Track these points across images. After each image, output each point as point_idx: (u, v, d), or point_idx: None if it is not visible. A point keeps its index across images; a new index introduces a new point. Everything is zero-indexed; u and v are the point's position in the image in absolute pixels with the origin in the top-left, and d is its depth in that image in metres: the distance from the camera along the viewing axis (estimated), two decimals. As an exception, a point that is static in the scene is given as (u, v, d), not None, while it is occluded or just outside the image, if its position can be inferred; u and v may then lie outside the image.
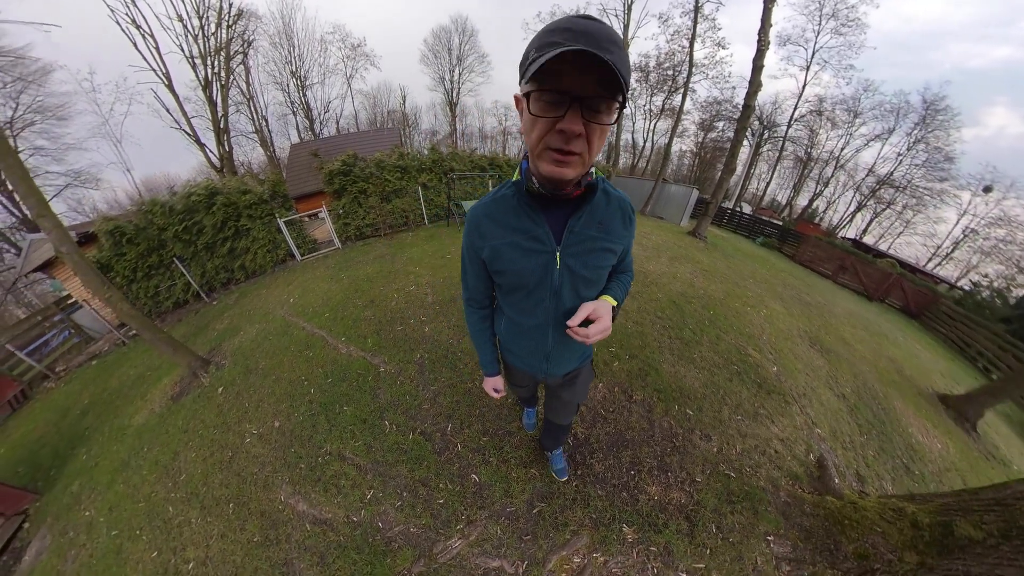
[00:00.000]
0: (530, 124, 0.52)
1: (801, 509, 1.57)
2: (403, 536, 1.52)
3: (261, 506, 1.79)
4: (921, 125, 15.50)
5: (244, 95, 14.31)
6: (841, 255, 8.95)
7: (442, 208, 6.63)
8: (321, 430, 2.12)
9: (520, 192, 0.67)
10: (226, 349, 3.42)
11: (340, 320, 3.31)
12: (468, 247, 0.78)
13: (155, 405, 2.95)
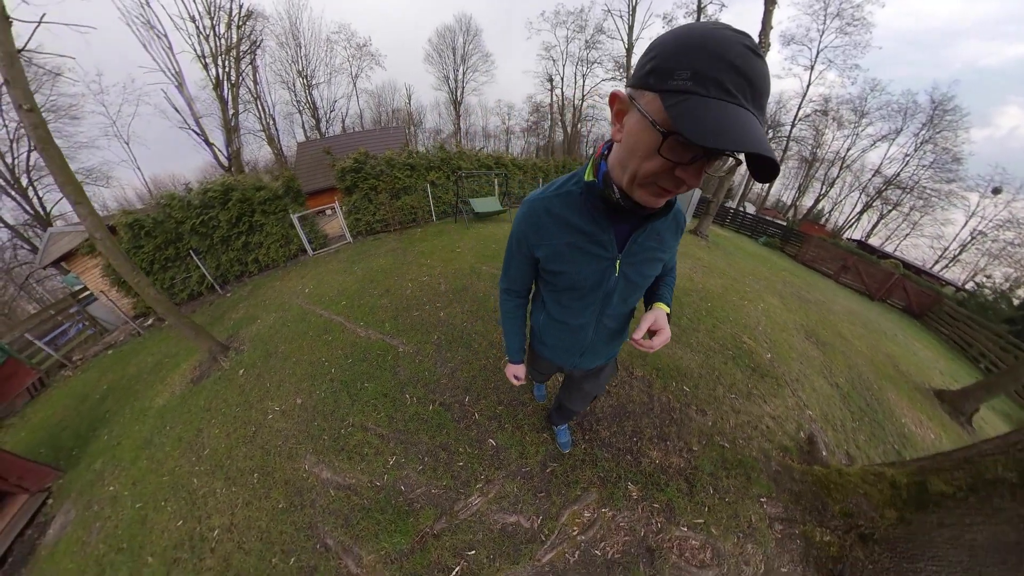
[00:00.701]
0: (645, 153, 0.46)
1: (791, 476, 1.70)
2: (425, 497, 1.64)
3: (285, 475, 1.88)
4: (929, 125, 15.29)
5: (252, 94, 14.61)
6: (844, 255, 9.03)
7: (449, 205, 6.78)
8: (343, 405, 2.24)
9: (592, 195, 0.63)
10: (244, 336, 3.55)
11: (357, 307, 3.45)
12: (519, 239, 0.75)
13: (175, 388, 3.08)
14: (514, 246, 0.78)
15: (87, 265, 5.11)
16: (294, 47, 16.97)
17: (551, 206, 0.68)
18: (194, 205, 4.80)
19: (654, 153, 0.44)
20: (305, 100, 18.25)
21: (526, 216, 0.71)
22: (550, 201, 0.68)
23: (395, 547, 1.48)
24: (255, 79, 14.47)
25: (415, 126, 26.29)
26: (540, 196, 0.70)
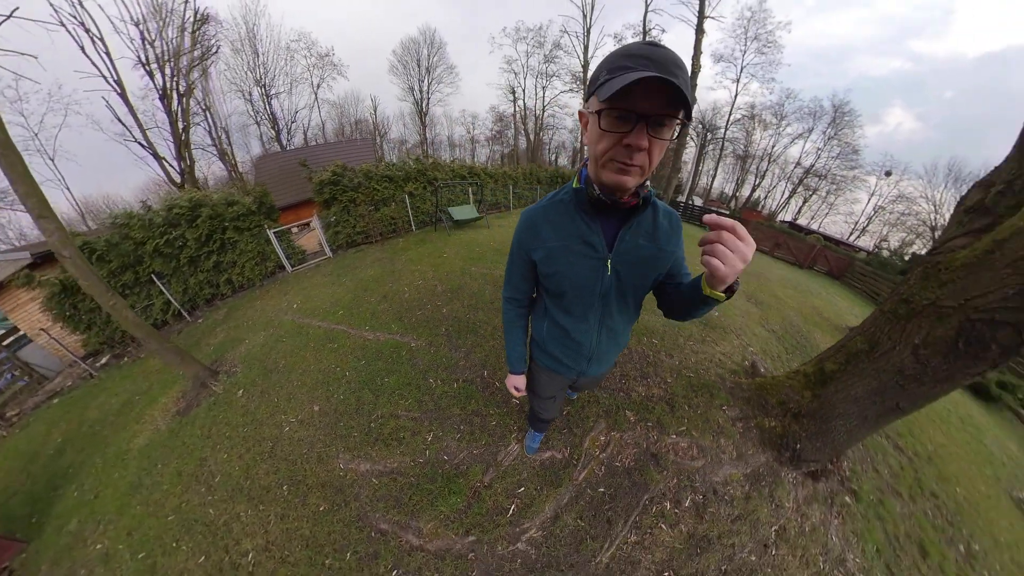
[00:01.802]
0: (598, 137, 0.56)
1: (741, 388, 2.30)
2: (468, 458, 1.87)
3: (320, 479, 1.89)
4: (832, 125, 19.34)
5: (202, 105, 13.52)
6: (776, 234, 10.66)
7: (428, 215, 6.94)
8: (367, 401, 2.34)
9: (579, 198, 0.70)
10: (232, 358, 3.41)
11: (357, 314, 3.52)
12: (519, 246, 0.81)
13: (158, 424, 2.86)
14: (515, 253, 0.84)
15: (19, 300, 4.45)
16: (251, 54, 16.01)
17: (545, 214, 0.76)
18: (157, 224, 4.38)
19: (601, 133, 0.54)
20: (264, 110, 17.25)
21: (524, 224, 0.79)
22: (545, 210, 0.76)
23: (452, 507, 1.68)
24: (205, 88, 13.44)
25: (381, 137, 25.84)
26: (537, 207, 0.78)
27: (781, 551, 1.66)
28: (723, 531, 1.67)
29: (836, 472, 2.02)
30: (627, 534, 1.62)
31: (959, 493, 2.46)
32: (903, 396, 1.58)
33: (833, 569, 1.67)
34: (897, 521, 1.99)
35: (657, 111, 0.50)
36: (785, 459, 1.93)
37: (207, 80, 13.35)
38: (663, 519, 1.68)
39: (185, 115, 11.37)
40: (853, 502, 1.96)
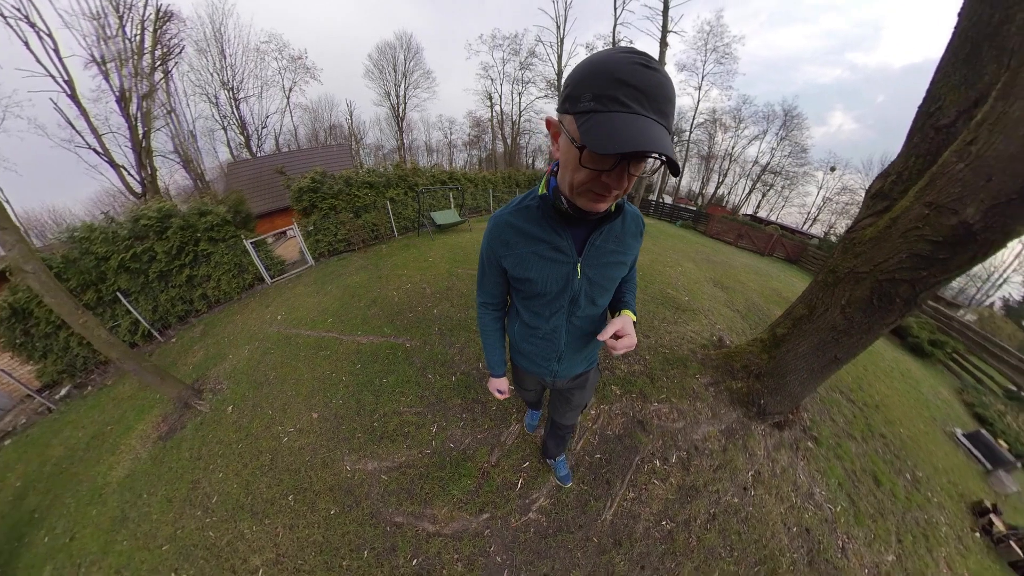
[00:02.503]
0: (574, 167, 0.52)
1: (711, 358, 2.60)
2: (474, 443, 1.98)
3: (327, 483, 1.89)
4: (784, 127, 21.72)
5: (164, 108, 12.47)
6: (738, 227, 11.56)
7: (410, 220, 6.95)
8: (368, 402, 2.37)
9: (546, 206, 0.69)
10: (216, 375, 3.29)
11: (347, 321, 3.52)
12: (489, 253, 0.81)
13: (139, 452, 2.67)
14: (485, 260, 0.84)
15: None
16: (217, 55, 14.98)
17: (513, 220, 0.74)
18: (122, 237, 4.07)
19: (579, 165, 0.50)
20: (232, 115, 16.16)
21: (492, 231, 0.78)
22: (512, 216, 0.74)
23: (463, 490, 1.77)
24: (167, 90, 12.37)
25: (357, 142, 25.22)
26: (503, 213, 0.76)
27: (759, 491, 1.92)
28: (707, 480, 1.90)
29: (798, 422, 2.33)
30: (625, 492, 1.80)
31: (903, 433, 2.91)
32: (838, 348, 1.89)
33: (804, 502, 1.94)
34: (853, 459, 2.34)
35: (639, 152, 0.45)
36: (753, 414, 2.22)
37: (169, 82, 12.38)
38: (655, 475, 1.88)
39: (146, 119, 10.36)
40: (815, 446, 2.29)
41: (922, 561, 1.90)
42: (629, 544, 1.61)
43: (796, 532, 1.79)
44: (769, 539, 1.72)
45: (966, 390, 4.94)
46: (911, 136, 1.86)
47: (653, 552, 1.60)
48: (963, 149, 1.30)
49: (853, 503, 2.04)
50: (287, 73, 18.62)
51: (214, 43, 14.89)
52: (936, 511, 2.27)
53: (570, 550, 1.58)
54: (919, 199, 1.46)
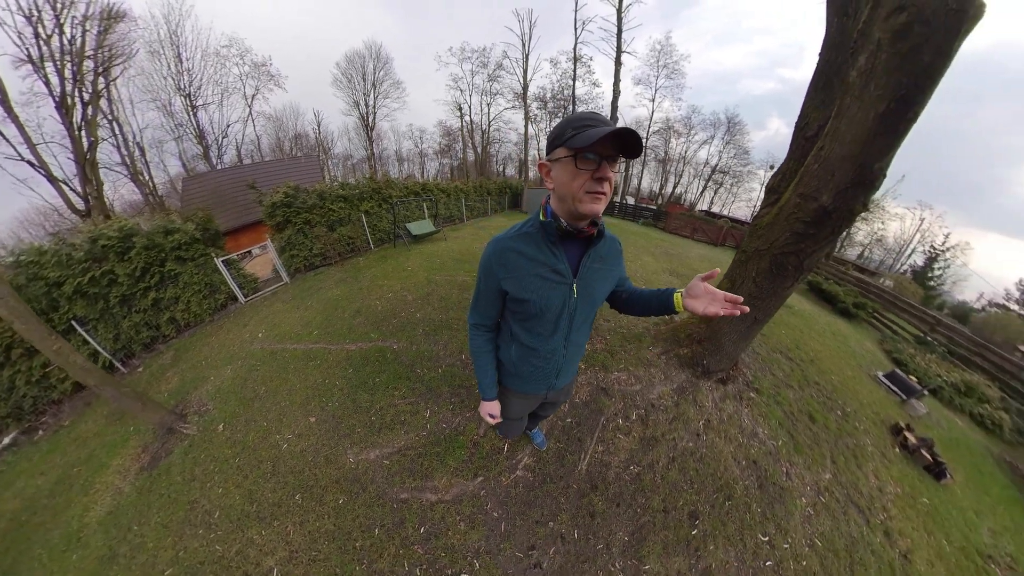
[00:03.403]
0: (572, 175, 0.70)
1: (661, 332, 3.08)
2: (463, 421, 2.22)
3: (332, 477, 2.00)
4: (728, 132, 24.87)
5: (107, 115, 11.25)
6: (693, 222, 12.65)
7: (385, 232, 7.03)
8: (363, 401, 2.52)
9: (547, 231, 0.80)
10: (198, 398, 3.25)
11: (333, 331, 3.61)
12: (488, 275, 0.87)
13: (119, 487, 2.53)
14: (483, 280, 0.90)
15: None
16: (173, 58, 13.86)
17: (515, 245, 0.83)
18: (77, 259, 3.75)
19: (576, 171, 0.69)
20: (189, 123, 14.92)
21: (495, 254, 0.85)
22: (514, 241, 0.84)
23: (458, 460, 2.00)
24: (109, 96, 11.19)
25: (325, 152, 24.52)
26: (505, 237, 0.85)
27: (710, 436, 2.30)
28: (664, 431, 2.26)
29: (740, 377, 2.79)
30: (595, 446, 2.11)
31: (834, 379, 3.49)
32: (756, 311, 2.35)
33: (749, 440, 2.35)
34: (791, 403, 2.81)
35: (611, 152, 0.68)
36: (699, 373, 2.66)
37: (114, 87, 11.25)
38: (619, 431, 2.22)
39: (91, 128, 9.24)
40: (757, 396, 2.73)
41: (854, 475, 2.38)
42: (604, 487, 1.92)
43: (745, 465, 2.18)
44: (723, 472, 2.09)
45: (885, 340, 5.92)
46: (791, 144, 2.40)
47: (625, 491, 1.91)
48: (817, 153, 1.75)
49: (792, 437, 2.48)
50: (249, 80, 17.75)
51: (169, 46, 13.85)
52: (863, 436, 2.80)
53: (555, 497, 1.85)
54: (795, 191, 1.91)
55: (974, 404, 4.37)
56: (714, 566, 1.68)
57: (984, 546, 2.32)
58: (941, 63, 1.24)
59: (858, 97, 1.44)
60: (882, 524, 2.13)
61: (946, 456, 2.91)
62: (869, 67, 1.37)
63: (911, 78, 1.28)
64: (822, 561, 1.81)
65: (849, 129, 1.52)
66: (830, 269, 9.32)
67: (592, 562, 1.61)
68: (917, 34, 1.21)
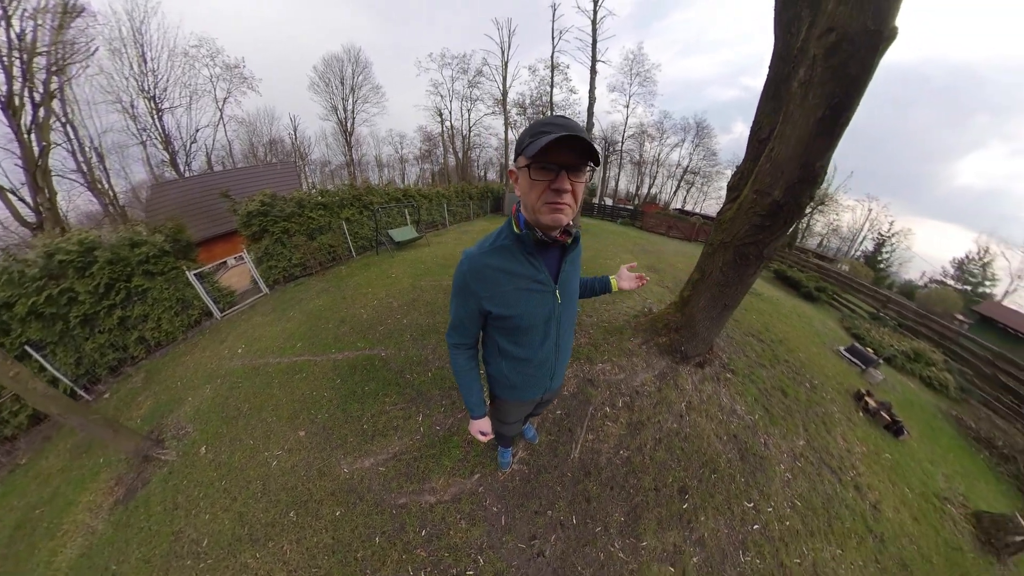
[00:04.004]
0: (529, 186, 0.68)
1: (641, 324, 3.24)
2: (456, 422, 2.25)
3: (327, 490, 1.95)
4: (697, 135, 26.63)
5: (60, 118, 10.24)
6: (668, 220, 13.26)
7: (367, 240, 6.92)
8: (354, 410, 2.50)
9: (522, 242, 0.78)
10: (176, 421, 3.07)
11: (318, 342, 3.52)
12: (466, 295, 0.84)
13: (91, 525, 2.34)
14: (459, 299, 0.86)
15: None
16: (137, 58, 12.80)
17: (492, 261, 0.80)
18: (31, 277, 3.44)
19: (532, 182, 0.67)
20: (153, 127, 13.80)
21: (469, 272, 0.81)
22: (489, 256, 0.80)
23: (454, 459, 2.02)
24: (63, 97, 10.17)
25: (302, 159, 23.68)
26: (480, 253, 0.81)
27: (692, 416, 2.45)
28: (650, 415, 2.38)
29: (716, 360, 2.98)
30: (586, 435, 2.20)
31: (801, 356, 3.78)
32: (725, 297, 2.55)
33: (729, 417, 2.51)
34: (764, 380, 3.03)
35: (573, 161, 0.65)
36: (678, 359, 2.83)
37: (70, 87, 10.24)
38: (607, 418, 2.32)
39: (43, 132, 8.33)
40: (733, 376, 2.92)
41: (824, 440, 2.60)
42: (597, 472, 2.00)
43: (727, 439, 2.34)
44: (707, 448, 2.24)
45: (844, 318, 6.53)
46: (747, 147, 2.65)
47: (617, 474, 2.01)
48: (769, 154, 1.95)
49: (767, 411, 2.68)
50: (221, 82, 16.75)
51: (133, 44, 12.80)
52: (830, 404, 3.07)
53: (551, 486, 1.91)
54: (751, 188, 2.11)
55: (922, 368, 4.91)
56: (706, 535, 1.79)
57: (940, 490, 2.63)
58: (865, 75, 1.44)
59: (800, 104, 1.65)
60: (852, 480, 2.36)
61: (902, 415, 3.24)
62: (808, 78, 1.57)
63: (842, 88, 1.49)
64: (803, 519, 1.98)
65: (793, 132, 1.72)
66: (793, 258, 10.08)
67: (592, 545, 1.69)
68: (844, 51, 1.41)
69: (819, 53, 1.49)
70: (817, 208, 20.27)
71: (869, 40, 1.37)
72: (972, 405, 4.60)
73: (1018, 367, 4.60)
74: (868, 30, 1.35)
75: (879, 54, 1.40)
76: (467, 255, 0.83)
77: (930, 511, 2.38)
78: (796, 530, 1.91)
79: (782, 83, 2.38)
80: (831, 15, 1.42)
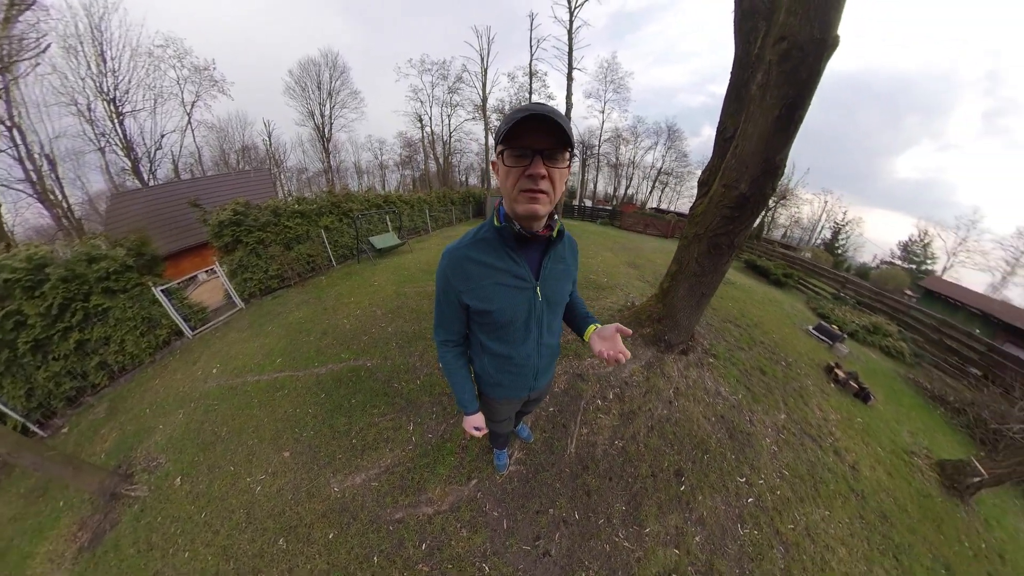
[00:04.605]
0: (506, 174, 0.65)
1: (625, 317, 3.40)
2: (448, 428, 2.23)
3: (318, 512, 1.86)
4: (669, 139, 28.29)
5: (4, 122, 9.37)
6: (646, 218, 13.80)
7: (348, 248, 6.71)
8: (341, 425, 2.40)
9: (503, 235, 0.75)
10: (145, 453, 2.83)
11: (300, 357, 3.38)
12: (446, 289, 0.82)
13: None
14: (442, 296, 0.86)
15: None
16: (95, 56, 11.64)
17: (471, 254, 0.78)
18: None
19: (507, 169, 0.64)
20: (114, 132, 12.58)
21: (449, 266, 0.80)
22: (469, 250, 0.78)
23: (449, 466, 1.99)
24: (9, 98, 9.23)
25: (277, 166, 22.66)
26: (459, 246, 0.80)
27: (680, 401, 2.54)
28: (640, 404, 2.45)
29: (699, 346, 3.12)
30: (580, 429, 2.23)
31: (775, 337, 4.03)
32: (702, 287, 2.70)
33: (714, 399, 2.64)
34: (744, 362, 3.21)
35: (548, 145, 0.61)
36: (662, 348, 2.95)
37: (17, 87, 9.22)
38: (599, 411, 2.37)
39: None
40: (715, 360, 3.07)
41: (802, 412, 2.80)
42: (594, 465, 2.03)
43: (715, 420, 2.45)
44: (697, 430, 2.33)
45: (810, 300, 7.09)
46: (715, 146, 2.86)
47: (614, 465, 2.05)
48: (734, 151, 2.10)
49: (749, 390, 2.84)
50: (189, 84, 15.57)
51: (91, 42, 11.61)
52: (804, 379, 3.31)
53: (550, 484, 1.92)
54: (720, 183, 2.26)
55: (881, 339, 5.41)
56: (705, 514, 1.85)
57: (907, 445, 2.88)
58: (814, 79, 1.63)
59: (759, 105, 1.82)
60: (831, 446, 2.54)
61: (868, 383, 3.52)
62: (765, 82, 1.75)
63: (795, 89, 1.67)
64: (792, 487, 2.11)
65: (755, 130, 1.88)
66: (761, 248, 10.82)
67: (597, 537, 1.70)
68: (795, 57, 1.60)
69: (774, 59, 1.66)
70: (779, 202, 23.17)
71: (816, 48, 1.55)
72: (925, 368, 5.09)
73: (960, 332, 5.29)
74: (815, 39, 1.53)
75: (824, 60, 1.58)
76: (447, 249, 0.82)
77: (901, 466, 2.61)
78: (787, 498, 2.04)
79: (743, 87, 2.59)
80: (783, 25, 1.60)
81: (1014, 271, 18.89)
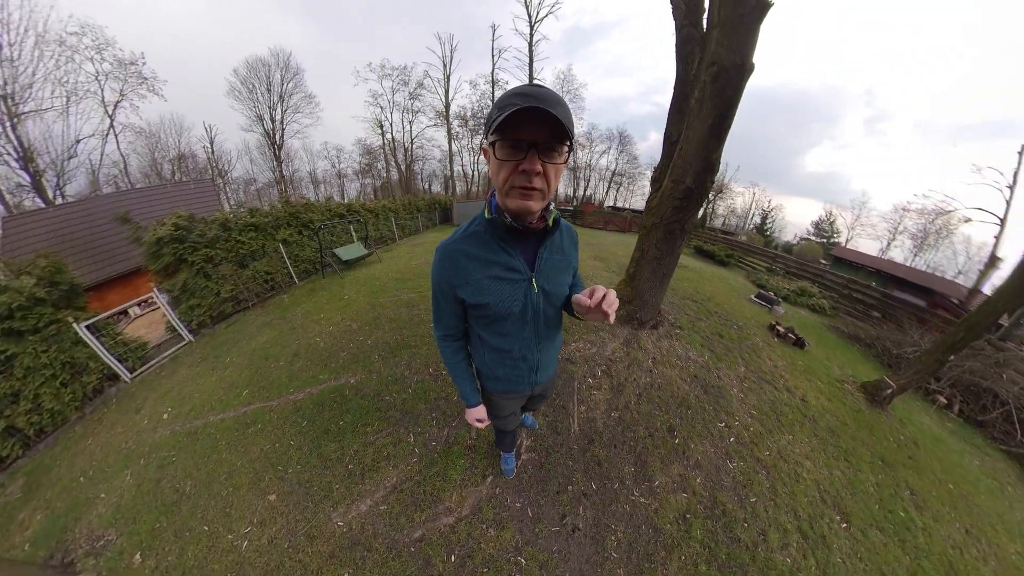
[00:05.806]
0: (497, 168, 0.61)
1: None
2: (451, 431, 2.20)
3: (323, 554, 1.65)
4: (620, 144, 30.67)
5: None
6: (605, 216, 15.00)
7: (311, 262, 6.24)
8: (331, 451, 2.18)
9: (494, 227, 0.73)
10: (87, 531, 2.28)
11: (270, 385, 3.06)
12: (442, 284, 0.81)
13: None
14: (438, 292, 0.84)
15: None
16: None
17: (464, 248, 0.76)
18: None
19: (499, 162, 0.60)
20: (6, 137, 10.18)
21: (442, 261, 0.79)
22: (462, 244, 0.77)
23: (461, 470, 1.95)
24: None
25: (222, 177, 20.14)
26: (451, 241, 0.79)
27: (659, 368, 2.85)
28: (626, 376, 2.69)
29: (666, 320, 3.54)
30: (578, 407, 2.39)
31: (726, 307, 4.66)
32: (662, 268, 3.11)
33: (686, 363, 3.00)
34: (704, 329, 3.70)
35: (545, 139, 0.57)
36: (636, 326, 3.32)
37: None
38: (592, 388, 2.56)
39: None
40: (681, 331, 3.49)
41: (757, 363, 3.32)
42: (598, 437, 2.19)
43: (690, 380, 2.81)
44: (677, 391, 2.66)
45: (749, 274, 8.56)
46: (663, 149, 3.38)
47: (616, 434, 2.22)
48: (679, 152, 2.52)
49: (713, 352, 3.30)
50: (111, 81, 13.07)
51: None
52: (754, 337, 3.92)
53: (563, 463, 2.01)
54: (669, 179, 2.68)
55: (807, 299, 6.84)
56: (700, 458, 2.13)
57: (838, 376, 3.63)
58: (737, 95, 2.12)
59: (697, 115, 2.28)
60: (784, 386, 3.07)
61: (803, 333, 4.33)
62: (701, 97, 2.21)
63: (723, 103, 2.13)
64: (761, 423, 2.54)
65: (695, 135, 2.34)
66: (706, 235, 12.80)
67: (616, 501, 1.83)
68: (723, 78, 2.05)
69: (707, 79, 2.10)
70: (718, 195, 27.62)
71: (737, 72, 2.02)
72: (841, 316, 6.50)
73: (862, 286, 7.15)
74: (737, 64, 1.99)
75: (744, 80, 2.06)
76: (440, 245, 0.81)
77: (836, 392, 3.28)
78: (759, 432, 2.44)
79: (684, 100, 3.22)
80: (713, 52, 2.05)
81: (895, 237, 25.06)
